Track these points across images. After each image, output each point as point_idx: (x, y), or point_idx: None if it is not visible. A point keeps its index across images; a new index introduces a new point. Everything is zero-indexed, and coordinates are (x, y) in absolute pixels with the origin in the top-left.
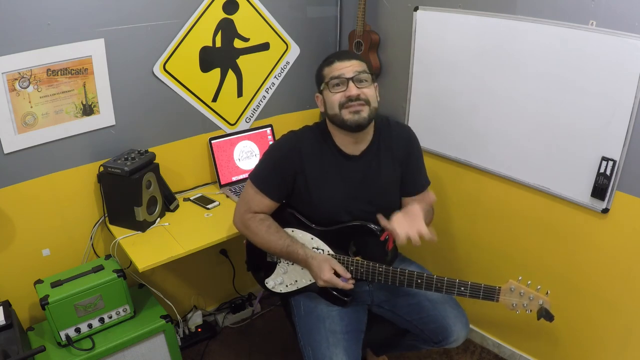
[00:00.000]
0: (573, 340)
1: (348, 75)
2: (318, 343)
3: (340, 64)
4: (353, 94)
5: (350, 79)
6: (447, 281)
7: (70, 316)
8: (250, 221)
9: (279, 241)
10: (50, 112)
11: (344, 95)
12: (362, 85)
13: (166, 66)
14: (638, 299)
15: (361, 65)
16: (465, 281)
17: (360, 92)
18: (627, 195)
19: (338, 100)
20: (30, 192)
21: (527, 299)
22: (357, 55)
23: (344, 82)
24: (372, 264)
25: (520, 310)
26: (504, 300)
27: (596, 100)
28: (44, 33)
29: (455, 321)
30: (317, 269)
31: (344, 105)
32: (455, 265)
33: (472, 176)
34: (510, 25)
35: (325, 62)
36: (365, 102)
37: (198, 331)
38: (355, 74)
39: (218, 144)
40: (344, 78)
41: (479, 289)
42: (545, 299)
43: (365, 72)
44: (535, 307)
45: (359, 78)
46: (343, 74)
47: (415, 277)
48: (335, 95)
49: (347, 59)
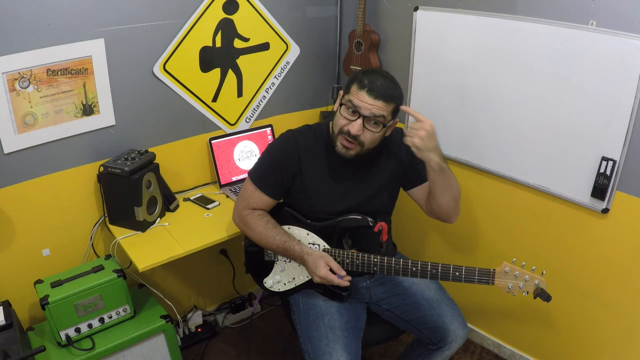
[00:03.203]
0: (573, 340)
1: (363, 113)
2: (317, 339)
3: (367, 97)
4: (353, 132)
5: (363, 116)
6: (442, 267)
7: (70, 316)
8: (248, 217)
9: (276, 237)
10: (50, 112)
11: (347, 125)
12: (369, 127)
13: (166, 66)
14: (638, 299)
15: (384, 109)
16: (459, 266)
17: (360, 134)
18: (627, 195)
19: (341, 125)
20: (30, 192)
21: (522, 280)
22: (391, 95)
23: (356, 114)
24: (367, 256)
25: (516, 292)
26: (500, 283)
27: (596, 100)
28: (44, 33)
29: (451, 320)
30: (313, 266)
31: (342, 132)
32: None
33: (472, 176)
34: (510, 25)
35: (360, 81)
36: (359, 144)
37: (198, 331)
38: (370, 114)
39: (218, 144)
40: (358, 112)
41: (473, 272)
42: (541, 279)
43: (383, 117)
44: (532, 288)
45: (373, 120)
46: (360, 108)
47: (410, 266)
48: (342, 119)
49: (375, 97)
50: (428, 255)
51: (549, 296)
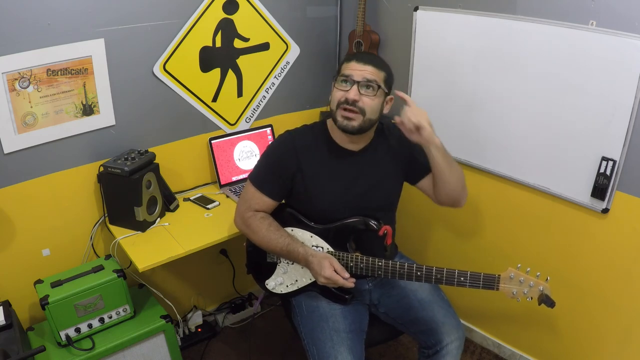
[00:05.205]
0: (573, 339)
1: (356, 78)
2: (322, 342)
3: (356, 64)
4: (350, 97)
5: (356, 82)
6: (447, 272)
7: (70, 316)
8: (250, 219)
9: (279, 239)
10: (50, 112)
11: (344, 95)
12: (365, 92)
13: (166, 66)
14: (638, 299)
15: (375, 74)
16: (464, 271)
17: (358, 99)
18: (627, 195)
19: (338, 98)
20: (30, 192)
21: (527, 286)
22: (380, 63)
23: (350, 84)
24: (371, 259)
25: (520, 298)
26: (504, 289)
27: (596, 100)
28: (44, 33)
29: (444, 321)
30: (318, 267)
31: (341, 106)
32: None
33: (472, 176)
34: (510, 25)
35: (346, 57)
36: (360, 111)
37: (198, 331)
38: (363, 79)
39: (218, 144)
40: (351, 79)
41: (478, 278)
42: (545, 285)
43: (376, 82)
44: (536, 294)
45: (365, 84)
46: (352, 75)
47: (415, 270)
48: (337, 92)
49: (364, 63)
50: (429, 254)
51: (553, 302)
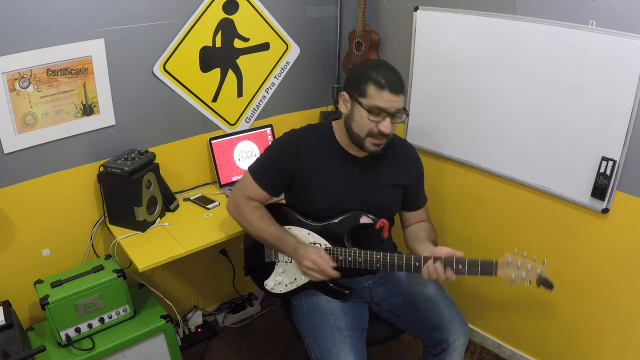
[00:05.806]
0: (573, 339)
1: (390, 111)
2: (324, 340)
3: (390, 96)
4: (386, 132)
5: (389, 114)
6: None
7: (70, 316)
8: (244, 207)
9: (270, 227)
10: (50, 112)
11: (377, 126)
12: (395, 120)
13: (166, 66)
14: (638, 299)
15: (403, 101)
16: (462, 258)
17: (393, 131)
18: (627, 195)
19: (369, 128)
20: (30, 192)
21: (525, 270)
22: (404, 85)
23: (384, 115)
24: (369, 252)
25: (519, 282)
26: (502, 274)
27: (596, 100)
28: (44, 33)
29: (450, 318)
30: (304, 251)
31: (372, 134)
32: None
33: (472, 176)
34: (510, 25)
35: (376, 81)
36: (387, 137)
37: (198, 331)
38: (396, 111)
39: (218, 144)
40: (386, 113)
41: (476, 264)
42: (542, 267)
43: (405, 108)
44: (534, 277)
45: (398, 115)
46: (388, 108)
47: (413, 260)
48: (369, 123)
49: (396, 93)
50: None
51: (552, 284)
